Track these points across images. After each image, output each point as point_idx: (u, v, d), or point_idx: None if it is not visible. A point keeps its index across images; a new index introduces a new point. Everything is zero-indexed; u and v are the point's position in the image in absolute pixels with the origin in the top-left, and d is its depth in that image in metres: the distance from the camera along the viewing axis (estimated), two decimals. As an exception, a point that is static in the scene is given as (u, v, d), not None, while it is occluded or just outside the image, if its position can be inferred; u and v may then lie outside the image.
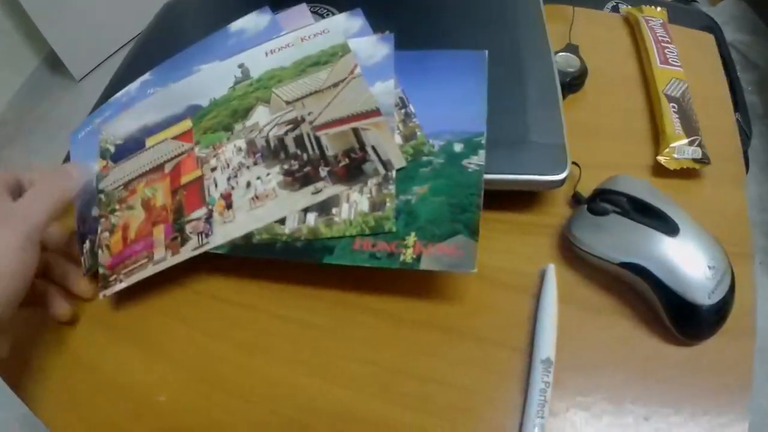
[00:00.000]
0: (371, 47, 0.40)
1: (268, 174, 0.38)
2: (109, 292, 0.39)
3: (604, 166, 0.41)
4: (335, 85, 0.39)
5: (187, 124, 0.42)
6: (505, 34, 0.42)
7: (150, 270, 0.39)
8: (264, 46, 0.43)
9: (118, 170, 0.44)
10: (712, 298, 0.33)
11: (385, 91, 0.38)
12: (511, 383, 0.34)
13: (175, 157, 0.42)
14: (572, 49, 0.47)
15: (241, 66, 0.43)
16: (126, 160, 0.44)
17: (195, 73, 0.45)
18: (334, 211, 0.36)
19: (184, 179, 0.41)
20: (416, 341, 0.36)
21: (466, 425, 0.33)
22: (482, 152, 0.36)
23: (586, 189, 0.40)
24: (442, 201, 0.35)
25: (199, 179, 0.40)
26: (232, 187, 0.38)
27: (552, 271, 0.37)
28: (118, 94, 0.48)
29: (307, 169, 0.37)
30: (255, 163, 0.38)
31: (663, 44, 0.49)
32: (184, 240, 0.38)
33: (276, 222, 0.37)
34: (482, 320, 0.37)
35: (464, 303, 0.37)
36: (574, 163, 0.40)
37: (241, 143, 0.39)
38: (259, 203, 0.37)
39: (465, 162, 0.36)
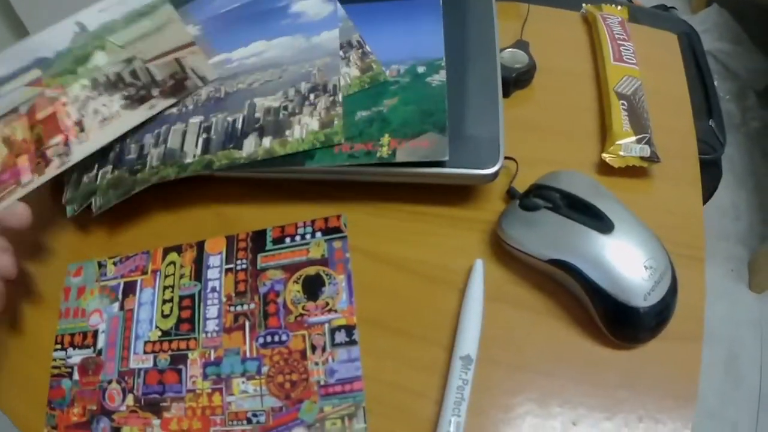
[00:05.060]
0: (318, 6, 0.47)
1: (111, 101, 0.48)
2: (-15, 217, 0.47)
3: (548, 162, 0.40)
4: (158, 29, 0.50)
5: (36, 73, 0.51)
6: (452, 30, 0.43)
7: (19, 192, 0.47)
8: (97, 5, 0.52)
9: (-24, 120, 0.51)
10: (649, 300, 0.32)
11: (330, 37, 0.45)
12: (433, 379, 0.33)
13: (28, 100, 0.50)
14: (522, 45, 0.47)
15: (78, 23, 0.52)
16: (-18, 110, 0.51)
17: (37, 35, 0.53)
18: (287, 132, 0.41)
19: (40, 115, 0.49)
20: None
21: (389, 417, 0.33)
22: (443, 72, 0.41)
23: (526, 185, 0.38)
24: (412, 108, 0.39)
25: (53, 114, 0.49)
26: (83, 116, 0.48)
27: (480, 266, 0.36)
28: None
29: (143, 92, 0.47)
30: (99, 95, 0.48)
31: (619, 41, 0.48)
32: (48, 162, 0.47)
33: (233, 148, 0.42)
34: (407, 315, 0.36)
35: (391, 298, 0.37)
36: (509, 158, 0.39)
37: (85, 81, 0.49)
38: (107, 123, 0.47)
39: (428, 79, 0.40)
